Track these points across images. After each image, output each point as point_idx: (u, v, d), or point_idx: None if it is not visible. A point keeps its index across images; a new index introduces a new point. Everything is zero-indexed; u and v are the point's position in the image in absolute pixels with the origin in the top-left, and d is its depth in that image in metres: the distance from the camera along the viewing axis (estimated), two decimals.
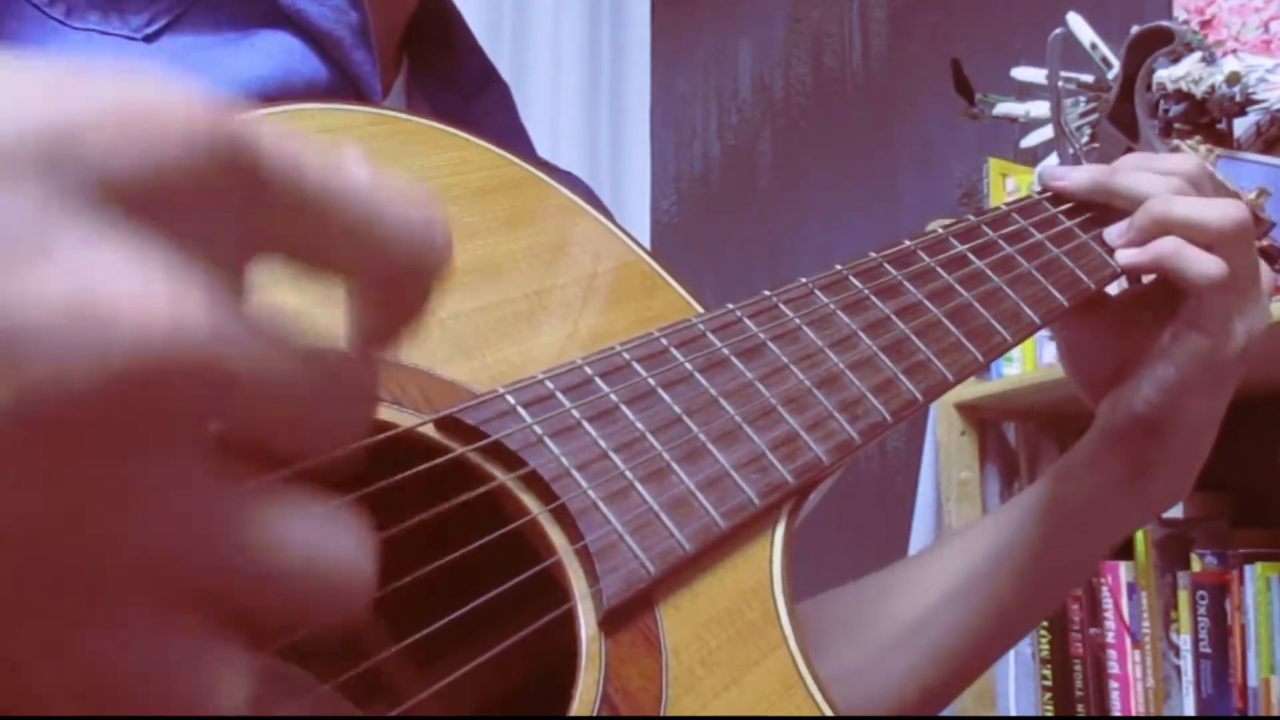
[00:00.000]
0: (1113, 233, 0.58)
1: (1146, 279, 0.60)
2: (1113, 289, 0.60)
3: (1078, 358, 0.62)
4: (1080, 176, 0.60)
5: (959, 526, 1.53)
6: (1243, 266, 0.55)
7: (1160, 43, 0.63)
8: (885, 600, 0.63)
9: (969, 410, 1.61)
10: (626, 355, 0.44)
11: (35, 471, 0.19)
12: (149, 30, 0.52)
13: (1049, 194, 0.61)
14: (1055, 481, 0.62)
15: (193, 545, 0.20)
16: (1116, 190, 0.58)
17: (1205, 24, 1.44)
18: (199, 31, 0.52)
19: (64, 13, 0.51)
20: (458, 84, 0.66)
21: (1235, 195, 0.64)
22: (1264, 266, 0.58)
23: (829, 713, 0.39)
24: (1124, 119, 0.65)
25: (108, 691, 0.20)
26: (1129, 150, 0.65)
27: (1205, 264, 0.54)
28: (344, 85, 0.55)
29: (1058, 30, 0.69)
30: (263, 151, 0.22)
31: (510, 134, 0.66)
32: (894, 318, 0.50)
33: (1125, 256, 0.57)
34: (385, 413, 0.39)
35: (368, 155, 0.23)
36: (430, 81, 0.65)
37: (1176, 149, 0.66)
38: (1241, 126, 0.80)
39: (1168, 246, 0.55)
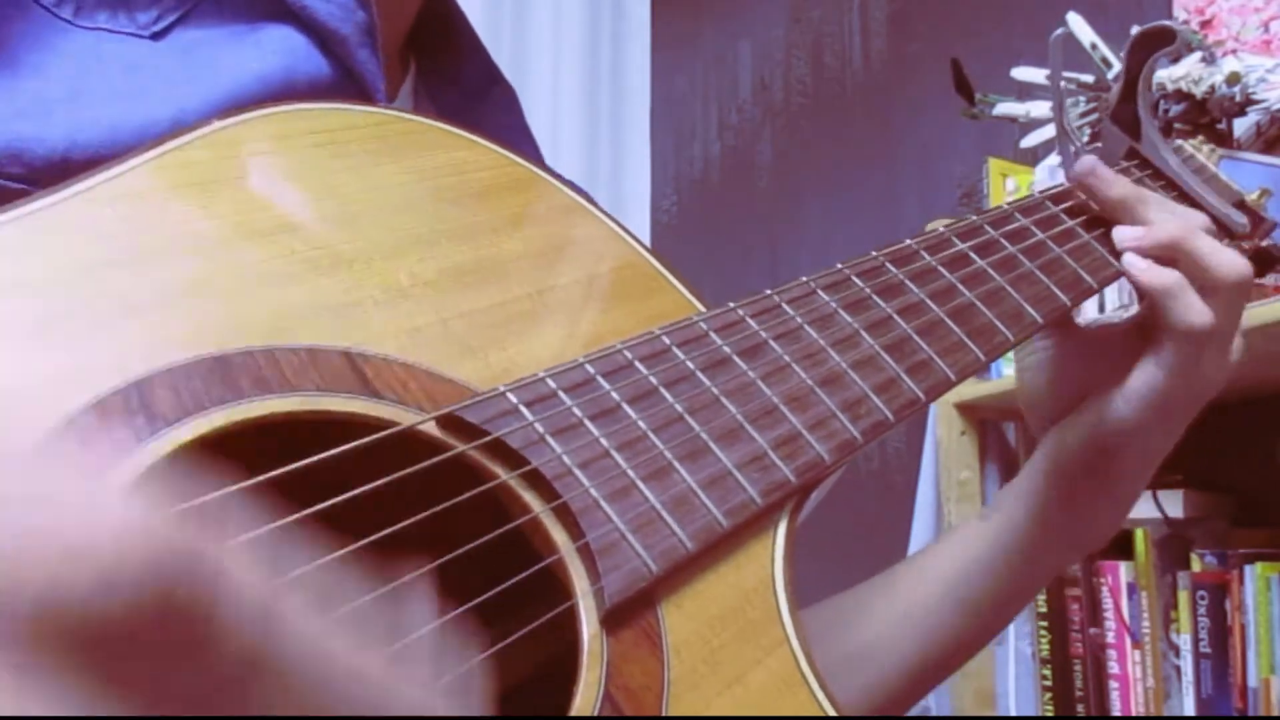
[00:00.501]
0: (1125, 234, 0.58)
1: (1130, 308, 0.60)
2: (1090, 312, 0.60)
3: (1036, 384, 0.62)
4: (1116, 188, 0.59)
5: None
6: (1228, 321, 0.56)
7: (1162, 43, 0.63)
8: (835, 631, 0.63)
9: (969, 410, 1.61)
10: (628, 354, 0.44)
11: None
12: (157, 27, 0.51)
13: (1052, 192, 0.61)
14: (993, 511, 0.62)
15: None
16: (1139, 219, 0.58)
17: (1205, 24, 1.44)
18: (205, 26, 0.52)
19: (72, 12, 0.50)
20: (462, 85, 0.66)
21: (1239, 192, 0.64)
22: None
23: (831, 712, 0.39)
24: (1126, 119, 0.65)
25: None
26: (1131, 150, 0.65)
27: (1195, 313, 0.55)
28: (348, 84, 0.54)
29: (1059, 31, 0.69)
30: (217, 601, 0.21)
31: (515, 135, 0.66)
32: (896, 317, 0.50)
33: (1133, 263, 0.57)
34: (388, 411, 0.39)
35: (371, 155, 0.22)
36: (435, 82, 0.65)
37: (1179, 149, 0.66)
38: (1241, 126, 0.80)
39: (1171, 279, 0.55)
